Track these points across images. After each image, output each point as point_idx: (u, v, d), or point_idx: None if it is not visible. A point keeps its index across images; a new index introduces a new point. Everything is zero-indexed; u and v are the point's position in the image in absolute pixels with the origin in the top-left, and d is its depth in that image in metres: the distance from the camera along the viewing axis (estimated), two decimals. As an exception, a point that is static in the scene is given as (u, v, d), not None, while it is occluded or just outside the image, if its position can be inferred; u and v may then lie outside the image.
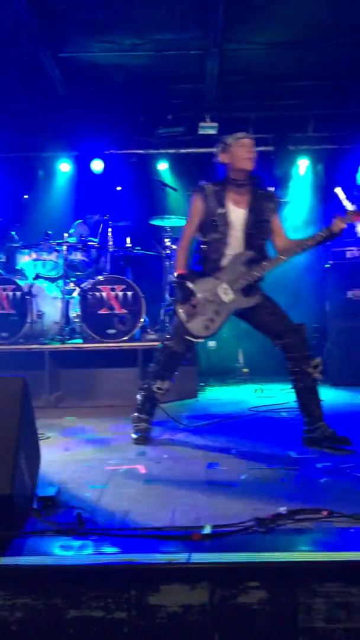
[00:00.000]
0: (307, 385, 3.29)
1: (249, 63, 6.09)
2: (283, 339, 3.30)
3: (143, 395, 3.58)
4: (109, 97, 6.73)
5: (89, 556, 1.81)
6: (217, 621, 1.67)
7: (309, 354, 3.30)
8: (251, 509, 2.16)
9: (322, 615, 1.66)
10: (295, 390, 3.33)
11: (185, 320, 3.35)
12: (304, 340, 3.32)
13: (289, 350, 3.30)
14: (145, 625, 1.67)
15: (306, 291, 6.97)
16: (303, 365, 3.27)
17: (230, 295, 3.34)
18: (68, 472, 2.79)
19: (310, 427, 3.26)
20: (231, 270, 3.35)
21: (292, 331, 3.30)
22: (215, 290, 3.35)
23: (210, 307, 3.34)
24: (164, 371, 3.49)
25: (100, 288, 5.46)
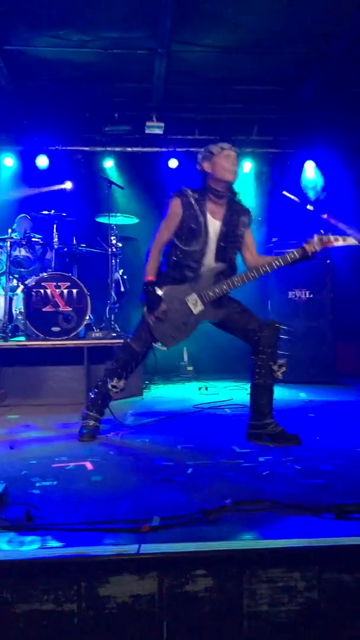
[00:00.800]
0: (267, 382, 3.36)
1: (196, 65, 6.16)
2: (258, 333, 3.33)
3: (96, 393, 3.58)
4: (54, 92, 6.67)
5: (38, 550, 1.82)
6: (165, 609, 1.72)
7: (277, 352, 3.38)
8: (197, 501, 2.23)
9: (265, 599, 1.74)
10: (253, 383, 3.40)
11: (153, 327, 3.36)
12: (277, 337, 3.39)
13: (261, 344, 3.33)
14: (95, 615, 1.70)
15: (251, 291, 7.12)
16: (269, 362, 3.33)
17: (199, 307, 3.35)
18: (14, 470, 2.78)
19: (258, 423, 3.35)
20: (203, 282, 3.35)
21: (268, 327, 3.36)
22: (184, 300, 3.34)
23: (178, 317, 3.34)
24: (122, 370, 3.49)
25: (45, 285, 5.42)
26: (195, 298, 3.34)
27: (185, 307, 3.34)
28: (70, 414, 4.34)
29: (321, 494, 2.34)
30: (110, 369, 3.54)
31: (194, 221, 3.30)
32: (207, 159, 3.32)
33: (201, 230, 3.31)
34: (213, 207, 3.37)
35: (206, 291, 3.33)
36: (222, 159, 3.30)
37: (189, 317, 3.35)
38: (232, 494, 2.29)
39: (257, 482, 2.56)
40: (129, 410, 4.55)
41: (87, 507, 2.22)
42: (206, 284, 3.35)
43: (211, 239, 3.35)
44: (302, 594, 1.76)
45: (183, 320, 3.35)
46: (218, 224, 3.37)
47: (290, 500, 2.22)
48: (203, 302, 3.34)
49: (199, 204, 3.33)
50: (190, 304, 3.34)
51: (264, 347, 3.33)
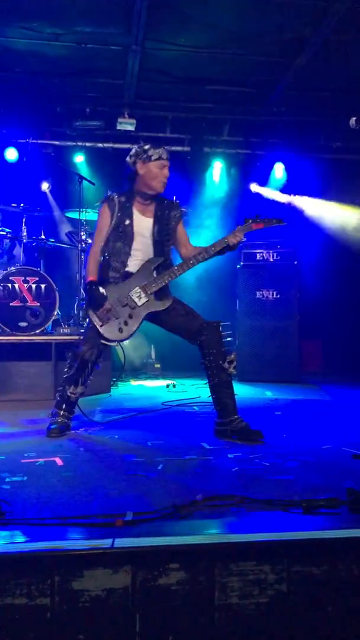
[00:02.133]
0: (223, 380, 3.43)
1: (169, 63, 6.18)
2: (200, 336, 3.41)
3: (60, 397, 3.59)
4: (25, 84, 6.60)
5: (10, 545, 1.82)
6: (138, 603, 1.74)
7: (224, 349, 3.43)
8: (169, 497, 2.25)
9: (236, 592, 1.78)
10: (211, 385, 3.46)
11: (99, 324, 3.39)
12: (220, 336, 3.45)
13: (205, 347, 3.42)
14: (69, 609, 1.71)
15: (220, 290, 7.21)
16: (219, 361, 3.40)
17: (143, 298, 3.42)
18: (-17, 465, 2.75)
19: (224, 420, 3.40)
20: (143, 275, 3.44)
21: (208, 328, 3.43)
22: (128, 294, 3.41)
23: (124, 311, 3.41)
24: (77, 376, 3.51)
25: (13, 279, 5.36)
26: (139, 290, 3.42)
27: (130, 300, 3.42)
28: (38, 410, 4.31)
29: (289, 489, 2.40)
30: (66, 377, 3.55)
31: (122, 224, 3.43)
32: (143, 160, 3.37)
33: (125, 231, 3.43)
34: (142, 207, 3.50)
35: (149, 283, 3.42)
36: (157, 167, 3.38)
37: (133, 310, 3.41)
38: (203, 490, 2.33)
39: (227, 478, 2.60)
40: (98, 407, 4.54)
41: (59, 502, 2.22)
42: (148, 277, 3.44)
43: (145, 236, 3.47)
44: (272, 587, 1.80)
45: (128, 313, 3.41)
46: (150, 221, 3.49)
47: (260, 495, 2.26)
48: (146, 294, 3.42)
49: (125, 205, 3.45)
50: (134, 297, 3.42)
51: (209, 348, 3.42)
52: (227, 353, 3.43)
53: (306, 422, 4.00)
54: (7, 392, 5.05)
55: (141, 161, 3.37)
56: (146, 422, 4.03)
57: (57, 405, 3.59)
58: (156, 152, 3.36)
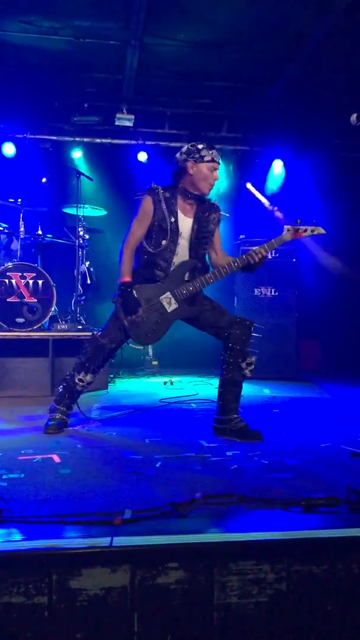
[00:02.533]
0: (235, 379, 3.39)
1: (168, 59, 6.15)
2: (230, 329, 3.35)
3: (64, 387, 3.54)
4: (23, 79, 6.56)
5: (7, 543, 1.80)
6: (137, 602, 1.72)
7: (247, 349, 3.38)
8: (167, 495, 2.23)
9: (236, 591, 1.77)
10: (222, 379, 3.42)
11: (128, 328, 3.31)
12: (249, 335, 3.39)
13: (231, 341, 3.35)
14: (66, 608, 1.69)
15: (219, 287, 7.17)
16: (239, 359, 3.35)
17: (173, 305, 3.34)
18: (-21, 462, 2.73)
19: (224, 418, 3.38)
20: (176, 279, 3.34)
21: (240, 324, 3.37)
22: (158, 300, 3.33)
23: (153, 317, 3.33)
24: (89, 364, 3.44)
25: (10, 275, 5.33)
26: (169, 296, 3.33)
27: (159, 305, 3.34)
28: (35, 407, 4.29)
29: (289, 487, 2.38)
30: (77, 363, 3.50)
31: (164, 220, 3.29)
32: (194, 159, 3.28)
33: (171, 228, 3.30)
34: (184, 205, 3.38)
35: (179, 289, 3.34)
36: (208, 169, 3.30)
37: (162, 316, 3.34)
38: (202, 488, 2.31)
39: (226, 476, 2.59)
40: (95, 404, 4.52)
41: (56, 499, 2.21)
42: (179, 282, 3.35)
43: (183, 237, 3.36)
44: (272, 586, 1.79)
45: (158, 319, 3.35)
46: (190, 221, 3.38)
47: (259, 494, 2.25)
48: (177, 300, 3.34)
49: (170, 202, 3.32)
50: (164, 303, 3.34)
51: (233, 344, 3.36)
52: (248, 354, 3.38)
53: (304, 420, 3.99)
54: (3, 389, 5.02)
55: (192, 160, 3.28)
56: (144, 419, 4.01)
57: (59, 398, 3.53)
58: (209, 154, 3.29)
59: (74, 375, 3.47)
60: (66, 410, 3.55)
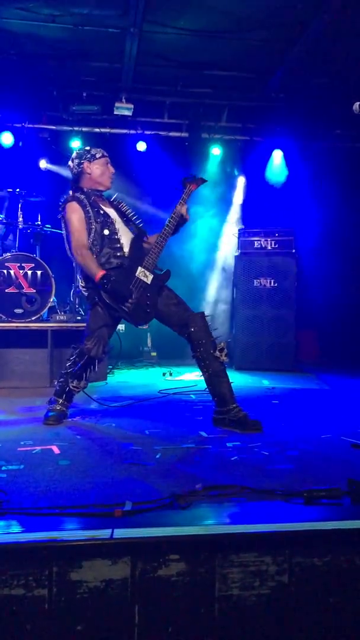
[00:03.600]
0: (216, 370, 3.39)
1: (167, 47, 6.07)
2: (188, 327, 3.40)
3: (61, 385, 3.54)
4: (21, 67, 6.47)
5: (7, 535, 1.79)
6: (137, 594, 1.71)
7: (213, 339, 3.41)
8: (168, 486, 2.22)
9: (237, 583, 1.76)
10: (205, 376, 3.42)
11: (129, 315, 3.33)
12: (206, 326, 3.44)
13: (194, 338, 3.40)
14: (67, 600, 1.68)
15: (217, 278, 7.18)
16: (210, 350, 3.37)
17: (150, 275, 3.42)
18: (-22, 453, 2.71)
19: (222, 409, 3.37)
20: (137, 255, 3.43)
21: (195, 319, 3.42)
22: (137, 277, 3.37)
23: (142, 293, 3.37)
24: (82, 372, 3.48)
25: (8, 266, 5.30)
26: (143, 270, 3.41)
27: (141, 281, 3.39)
28: (34, 398, 4.28)
29: (290, 479, 2.37)
30: (71, 372, 3.49)
31: (97, 213, 3.45)
32: (87, 160, 3.53)
33: (104, 219, 3.45)
34: (100, 201, 3.56)
35: (146, 260, 3.43)
36: (103, 164, 3.56)
37: (147, 289, 3.40)
38: (202, 479, 2.30)
39: (227, 467, 2.58)
40: (94, 395, 4.49)
41: (56, 491, 2.19)
42: (141, 255, 3.45)
43: (118, 221, 3.53)
44: (273, 578, 1.78)
45: (147, 294, 3.40)
46: (112, 209, 3.59)
47: (260, 485, 2.24)
48: (149, 270, 3.43)
49: (91, 201, 3.48)
50: (142, 277, 3.40)
51: (199, 340, 3.39)
52: (216, 342, 3.41)
53: (304, 411, 3.97)
54: (2, 380, 5.01)
55: (87, 161, 3.52)
56: (143, 410, 4.00)
57: (57, 394, 3.55)
58: (99, 151, 3.58)
59: (67, 382, 3.50)
60: (66, 402, 3.54)
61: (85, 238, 3.40)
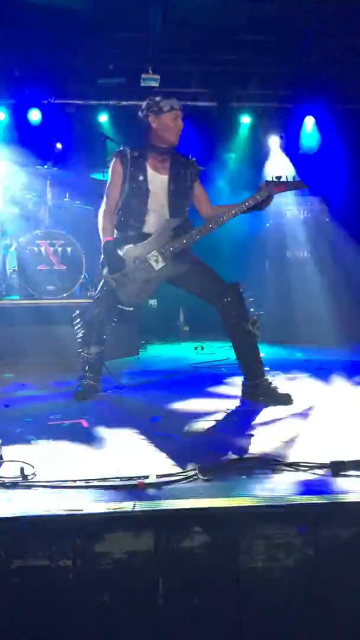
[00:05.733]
0: (247, 342, 3.33)
1: (193, 13, 5.91)
2: (220, 299, 3.31)
3: (81, 362, 3.55)
4: (46, 42, 6.40)
5: (33, 507, 1.81)
6: (161, 566, 1.71)
7: (246, 311, 3.33)
8: (193, 459, 2.21)
9: (261, 555, 1.74)
10: (235, 348, 3.38)
11: (116, 287, 3.28)
12: (240, 298, 3.34)
13: (226, 310, 3.32)
14: (91, 571, 1.69)
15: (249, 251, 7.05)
16: (242, 323, 3.29)
17: (160, 263, 3.29)
18: (9, 428, 2.75)
19: (252, 382, 3.33)
20: (161, 237, 3.30)
21: (228, 290, 3.32)
22: (145, 258, 3.28)
23: (141, 275, 3.29)
24: (88, 337, 3.45)
25: (39, 243, 5.31)
26: (156, 254, 3.29)
27: (147, 264, 3.29)
28: (65, 373, 4.31)
29: (318, 451, 2.32)
30: (80, 340, 3.50)
31: (135, 180, 3.29)
32: (154, 113, 3.26)
33: (140, 187, 3.30)
34: (155, 163, 3.35)
35: (166, 247, 3.29)
36: (170, 119, 3.27)
37: (150, 274, 3.30)
38: (228, 451, 2.28)
39: (254, 439, 2.55)
40: (125, 370, 4.52)
41: (82, 464, 2.21)
42: (165, 240, 3.30)
43: (158, 195, 3.33)
44: (299, 550, 1.75)
45: (146, 278, 3.30)
46: (164, 178, 3.35)
47: (287, 457, 2.20)
48: (164, 258, 3.29)
49: (138, 161, 3.31)
50: (151, 261, 3.29)
51: (230, 310, 3.31)
52: (249, 314, 3.33)
53: (336, 384, 3.90)
54: (35, 355, 5.05)
55: (153, 114, 3.26)
56: (173, 384, 3.99)
57: (82, 368, 3.56)
58: (168, 103, 3.26)
59: (82, 352, 3.50)
60: (95, 375, 3.54)
61: (113, 199, 3.34)
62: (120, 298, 3.32)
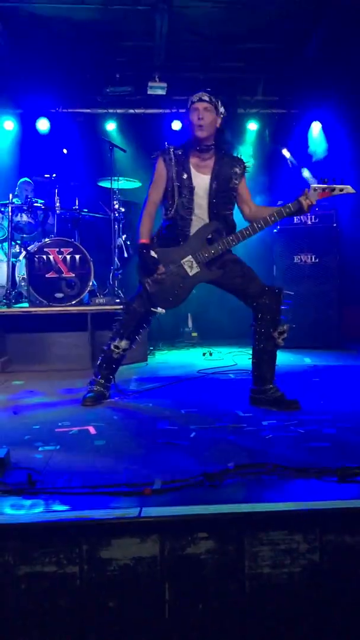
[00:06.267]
0: (267, 349, 3.32)
1: (199, 21, 5.96)
2: (259, 299, 3.27)
3: (102, 357, 3.55)
4: (53, 52, 6.49)
5: (40, 514, 1.83)
6: (167, 571, 1.72)
7: (278, 318, 3.30)
8: (200, 465, 2.21)
9: (267, 561, 1.74)
10: (254, 349, 3.36)
11: (150, 291, 3.28)
12: (279, 304, 3.30)
13: (261, 311, 3.28)
14: (97, 577, 1.71)
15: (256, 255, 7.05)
16: (270, 329, 3.28)
17: (195, 268, 3.28)
18: (17, 435, 2.78)
19: (260, 388, 3.33)
20: (197, 242, 3.27)
21: (269, 293, 3.29)
22: (180, 263, 3.27)
23: (175, 280, 3.27)
24: (123, 329, 3.43)
25: (48, 251, 5.37)
26: (191, 260, 3.27)
27: (181, 269, 3.28)
28: (74, 380, 4.34)
29: (324, 457, 2.33)
30: (113, 331, 3.50)
31: (178, 179, 3.22)
32: (187, 107, 3.24)
33: (185, 185, 3.23)
34: (198, 162, 3.28)
35: (201, 252, 3.25)
36: (191, 113, 3.20)
37: (184, 280, 3.28)
38: (235, 458, 2.28)
39: (260, 445, 2.55)
40: (133, 376, 4.54)
41: (89, 471, 2.22)
42: (200, 244, 3.27)
43: (199, 196, 3.26)
44: (304, 556, 1.75)
45: (179, 283, 3.28)
46: (207, 178, 3.27)
47: (293, 463, 2.20)
48: (198, 263, 3.27)
49: (181, 159, 3.25)
50: (186, 266, 3.27)
51: (264, 313, 3.28)
52: (280, 322, 3.29)
53: (345, 389, 3.89)
54: (44, 363, 5.10)
55: (188, 109, 3.24)
56: (181, 390, 4.00)
57: (98, 368, 3.55)
58: (196, 95, 3.19)
59: (110, 344, 3.48)
60: (105, 382, 3.55)
61: (154, 198, 3.29)
62: (155, 301, 3.30)
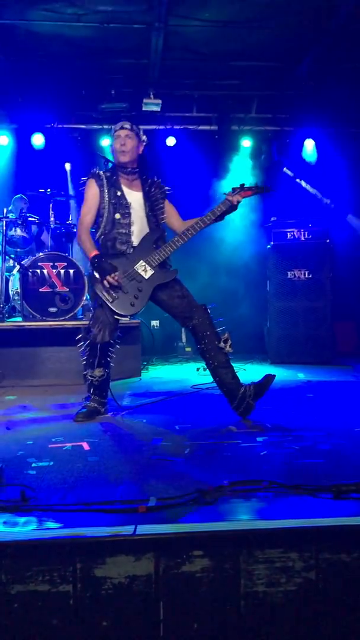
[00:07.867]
0: (221, 361, 3.42)
1: (193, 40, 6.02)
2: (192, 320, 3.43)
3: (86, 383, 3.61)
4: (49, 68, 6.53)
5: (33, 531, 1.81)
6: (162, 590, 1.70)
7: (216, 330, 3.43)
8: (195, 482, 2.21)
9: (263, 580, 1.73)
10: (211, 369, 3.46)
11: (110, 300, 3.37)
12: (209, 318, 3.45)
13: (198, 331, 3.43)
14: (91, 596, 1.69)
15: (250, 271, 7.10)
16: (215, 341, 3.39)
17: (149, 271, 3.44)
18: (10, 450, 2.76)
19: (237, 399, 3.38)
20: (144, 248, 3.46)
21: (198, 311, 3.44)
22: (134, 269, 3.42)
23: (132, 285, 3.41)
24: (92, 359, 3.49)
25: (42, 265, 5.37)
26: (144, 264, 3.43)
27: (136, 274, 3.42)
28: (68, 395, 4.32)
29: (320, 473, 2.32)
30: (84, 363, 3.57)
31: (113, 197, 3.46)
32: (112, 134, 3.57)
33: (120, 202, 3.46)
34: (127, 182, 3.55)
35: (151, 256, 3.44)
36: (114, 140, 3.53)
37: (141, 284, 3.42)
38: (230, 474, 2.28)
39: (255, 462, 2.54)
40: (127, 391, 4.52)
41: (83, 487, 2.20)
42: (149, 250, 3.46)
43: (136, 209, 3.51)
44: (300, 574, 1.74)
45: (137, 287, 3.42)
46: (139, 194, 3.55)
47: (289, 480, 2.20)
48: (151, 266, 3.43)
49: (111, 179, 3.50)
50: (140, 270, 3.43)
51: (203, 332, 3.42)
52: (220, 333, 3.43)
53: (339, 405, 3.90)
54: (37, 378, 5.08)
55: (112, 136, 3.57)
56: (175, 405, 3.99)
57: (88, 389, 3.59)
58: (119, 124, 3.53)
59: (86, 374, 3.57)
60: (99, 398, 3.56)
61: (90, 217, 3.49)
62: (116, 309, 3.40)
